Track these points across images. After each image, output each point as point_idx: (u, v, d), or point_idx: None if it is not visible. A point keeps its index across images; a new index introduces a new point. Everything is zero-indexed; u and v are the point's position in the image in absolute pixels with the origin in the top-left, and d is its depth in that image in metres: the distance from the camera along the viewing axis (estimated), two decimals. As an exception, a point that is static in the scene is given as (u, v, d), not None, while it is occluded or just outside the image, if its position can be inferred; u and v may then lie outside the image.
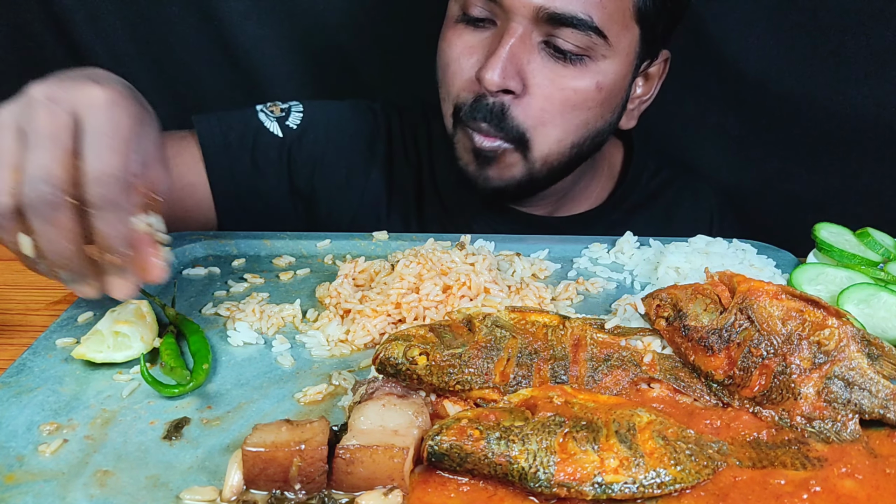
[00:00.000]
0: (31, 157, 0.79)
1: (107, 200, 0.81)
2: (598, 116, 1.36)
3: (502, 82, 1.24)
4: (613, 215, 1.61)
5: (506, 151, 1.32)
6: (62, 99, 0.81)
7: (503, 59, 1.24)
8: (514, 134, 1.30)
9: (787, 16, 1.71)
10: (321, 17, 1.84)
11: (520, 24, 1.24)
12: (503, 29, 1.26)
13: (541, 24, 1.25)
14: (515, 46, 1.25)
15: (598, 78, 1.30)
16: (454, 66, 1.32)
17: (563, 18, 1.23)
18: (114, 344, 0.93)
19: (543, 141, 1.32)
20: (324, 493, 0.71)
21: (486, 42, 1.29)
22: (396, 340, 0.86)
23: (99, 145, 0.80)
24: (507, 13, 1.25)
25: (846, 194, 1.80)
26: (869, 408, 0.81)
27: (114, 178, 0.81)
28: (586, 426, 0.75)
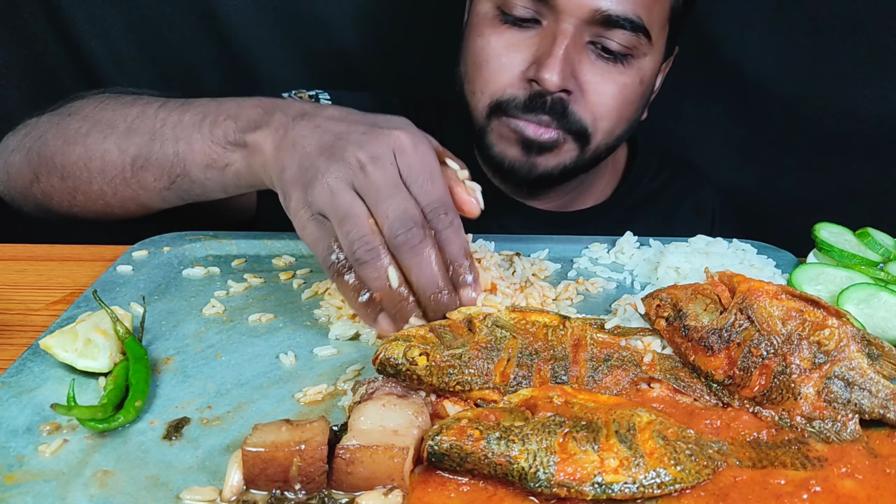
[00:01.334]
0: (383, 208, 0.91)
1: (450, 221, 0.95)
2: (637, 110, 1.44)
3: (562, 83, 1.29)
4: (616, 212, 1.63)
5: (566, 141, 1.37)
6: (381, 155, 0.93)
7: (560, 60, 1.28)
8: (576, 127, 1.35)
9: (788, 16, 1.71)
10: (322, 15, 1.84)
11: (571, 25, 1.28)
12: (554, 30, 1.30)
13: (592, 25, 1.29)
14: (569, 47, 1.29)
15: (640, 74, 1.37)
16: (495, 63, 1.35)
17: (616, 20, 1.28)
18: (82, 349, 0.90)
19: (601, 133, 1.39)
20: (324, 493, 0.71)
21: (532, 41, 1.32)
22: (396, 340, 0.86)
23: (423, 181, 0.94)
24: (559, 14, 1.28)
25: (846, 194, 1.80)
26: (869, 408, 0.81)
27: (447, 202, 0.95)
28: (586, 426, 0.75)
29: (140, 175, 1.17)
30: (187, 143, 1.12)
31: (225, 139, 1.09)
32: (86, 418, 0.79)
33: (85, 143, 1.21)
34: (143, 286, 1.14)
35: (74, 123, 1.24)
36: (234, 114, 1.10)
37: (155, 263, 1.21)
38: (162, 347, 0.98)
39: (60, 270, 1.24)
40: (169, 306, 1.09)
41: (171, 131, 1.14)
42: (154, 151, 1.15)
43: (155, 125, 1.16)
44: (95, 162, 1.20)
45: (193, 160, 1.12)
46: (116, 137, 1.18)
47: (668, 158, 1.76)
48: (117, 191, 1.21)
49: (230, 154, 1.09)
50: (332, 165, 0.94)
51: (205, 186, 1.14)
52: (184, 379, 0.91)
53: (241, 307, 1.10)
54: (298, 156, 0.98)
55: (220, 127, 1.10)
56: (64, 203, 1.27)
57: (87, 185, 1.22)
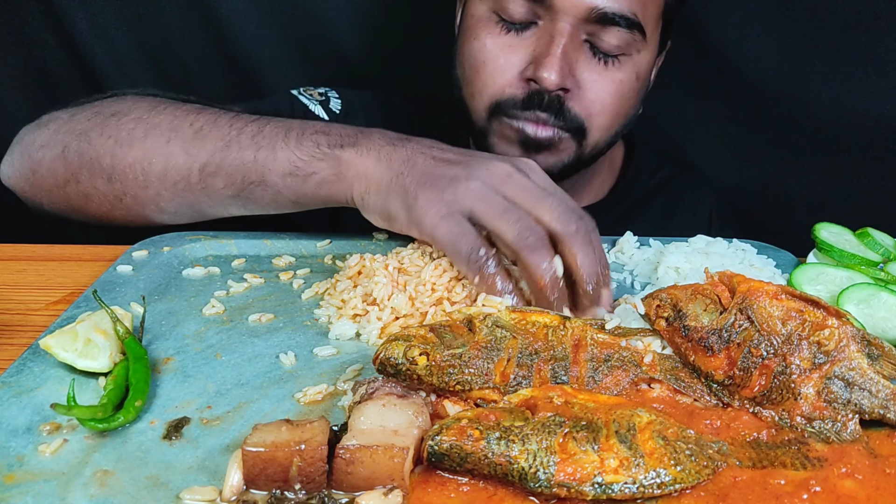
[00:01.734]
0: (548, 202, 0.99)
1: (595, 225, 1.02)
2: (634, 105, 1.46)
3: (560, 81, 1.30)
4: (614, 210, 1.64)
5: (563, 139, 1.38)
6: (519, 169, 1.03)
7: (559, 59, 1.29)
8: (573, 124, 1.36)
9: (787, 16, 1.71)
10: (321, 15, 1.84)
11: (568, 24, 1.29)
12: (551, 29, 1.30)
13: (588, 23, 1.30)
14: (567, 46, 1.30)
15: (636, 70, 1.39)
16: (492, 64, 1.35)
17: (613, 18, 1.29)
18: (82, 349, 0.90)
19: (598, 129, 1.40)
20: (324, 493, 0.71)
21: (529, 41, 1.33)
22: (396, 340, 0.86)
23: (561, 194, 1.03)
24: (556, 14, 1.29)
25: (846, 194, 1.80)
26: (869, 408, 0.81)
27: (584, 211, 1.02)
28: (586, 426, 0.75)
29: (208, 181, 1.17)
30: (270, 151, 1.12)
31: (316, 149, 1.10)
32: (86, 418, 0.79)
33: (143, 146, 1.19)
34: (143, 286, 1.14)
35: (127, 124, 1.21)
36: (324, 130, 1.12)
37: (155, 263, 1.21)
38: (162, 347, 0.98)
39: (60, 270, 1.24)
40: (169, 306, 1.09)
41: (251, 140, 1.14)
42: (229, 158, 1.14)
43: (230, 133, 1.16)
44: (156, 166, 1.18)
45: (276, 167, 1.12)
46: (182, 142, 1.17)
47: (665, 157, 1.76)
48: (176, 196, 1.20)
49: (318, 164, 1.10)
50: (475, 171, 1.00)
51: (278, 195, 1.15)
52: (184, 379, 0.91)
53: (241, 307, 1.10)
54: (421, 165, 1.04)
55: (308, 139, 1.11)
56: (104, 206, 1.25)
57: (141, 189, 1.20)
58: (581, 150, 1.41)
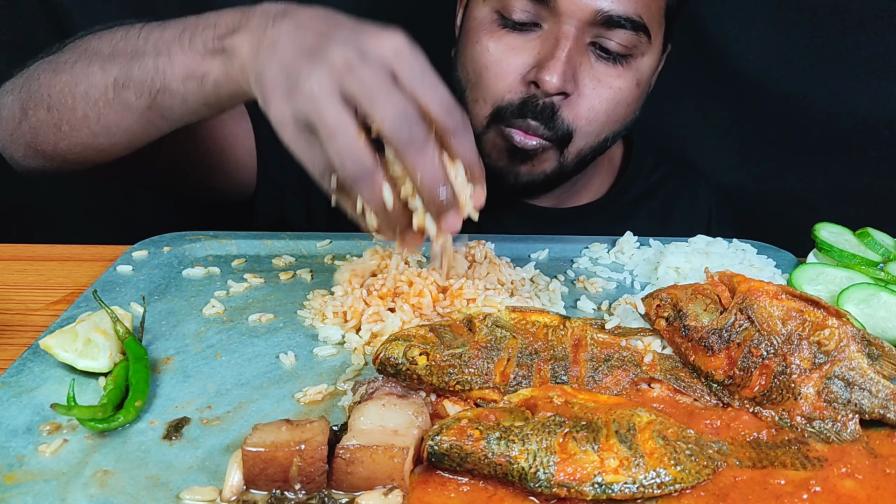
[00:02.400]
0: (381, 108, 0.83)
1: (459, 123, 0.87)
2: (632, 112, 1.42)
3: (562, 85, 1.28)
4: (613, 208, 1.63)
5: (546, 149, 1.36)
6: (372, 53, 0.85)
7: (563, 63, 1.27)
8: (560, 133, 1.34)
9: (787, 16, 1.71)
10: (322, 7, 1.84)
11: (573, 27, 1.28)
12: (555, 32, 1.28)
13: (593, 26, 1.28)
14: (571, 49, 1.28)
15: (637, 75, 1.36)
16: (495, 68, 1.34)
17: (619, 21, 1.28)
18: (82, 349, 0.90)
19: (584, 137, 1.37)
20: (324, 493, 0.71)
21: (533, 44, 1.31)
22: (396, 340, 0.86)
23: (425, 83, 0.86)
24: (560, 16, 1.27)
25: (846, 194, 1.80)
26: (869, 408, 0.81)
27: (454, 102, 0.87)
28: (586, 426, 0.75)
29: (122, 94, 1.14)
30: (167, 56, 1.08)
31: (204, 47, 1.04)
32: (86, 418, 0.79)
33: (72, 71, 1.19)
34: (143, 286, 1.14)
35: (64, 56, 1.23)
36: (213, 22, 1.05)
37: (155, 263, 1.21)
38: (162, 347, 0.98)
39: (60, 270, 1.24)
40: (169, 306, 1.09)
41: (153, 47, 1.11)
42: (135, 68, 1.11)
43: (137, 44, 1.14)
44: (80, 87, 1.17)
45: (173, 72, 1.07)
46: (101, 61, 1.17)
47: (663, 156, 1.76)
48: (101, 115, 1.17)
49: (209, 62, 1.03)
50: (316, 68, 0.86)
51: (185, 101, 1.09)
52: (184, 379, 0.91)
53: (241, 307, 1.10)
54: (278, 57, 0.90)
55: (199, 36, 1.05)
56: (50, 137, 1.24)
57: (71, 112, 1.19)
58: (563, 160, 1.39)
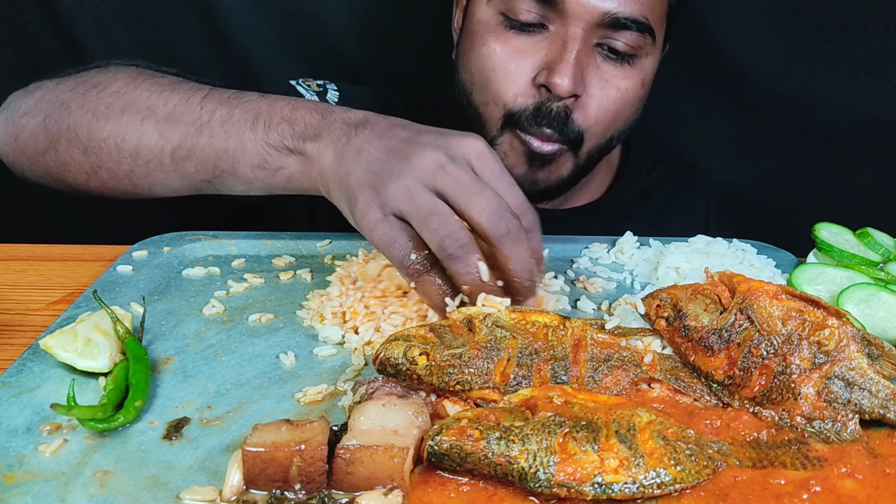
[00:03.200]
0: (478, 203, 0.92)
1: (536, 220, 0.98)
2: (636, 111, 1.43)
3: (573, 88, 1.28)
4: (611, 208, 1.64)
5: (563, 153, 1.37)
6: (459, 156, 0.95)
7: (572, 65, 1.27)
8: (573, 136, 1.35)
9: (787, 16, 1.71)
10: (320, 13, 1.84)
11: (580, 29, 1.28)
12: (563, 34, 1.29)
13: (599, 28, 1.29)
14: (580, 51, 1.28)
15: (642, 75, 1.37)
16: (503, 71, 1.34)
17: (626, 22, 1.28)
18: (82, 349, 0.90)
19: (593, 137, 1.38)
20: (324, 493, 0.71)
21: (541, 46, 1.31)
22: (396, 340, 0.86)
23: (504, 182, 0.96)
24: (567, 18, 1.28)
25: (846, 194, 1.80)
26: (869, 408, 0.81)
27: (528, 203, 0.97)
28: (586, 426, 0.75)
29: (180, 164, 1.16)
30: (238, 142, 1.11)
31: (281, 143, 1.08)
32: (86, 418, 0.79)
33: (119, 122, 1.19)
34: (143, 286, 1.14)
35: (105, 98, 1.21)
36: (290, 118, 1.09)
37: (155, 263, 1.21)
38: (162, 347, 0.98)
39: (60, 270, 1.24)
40: (169, 306, 1.09)
41: (220, 127, 1.13)
42: (200, 144, 1.13)
43: (201, 116, 1.14)
44: (129, 143, 1.18)
45: (245, 159, 1.11)
46: (156, 122, 1.17)
47: (661, 156, 1.76)
48: (149, 174, 1.19)
49: (285, 158, 1.08)
50: (408, 165, 0.95)
51: (249, 185, 1.14)
52: (184, 379, 0.91)
53: (241, 307, 1.10)
54: (365, 160, 0.98)
55: (275, 130, 1.09)
56: (81, 177, 1.25)
57: (115, 164, 1.20)
58: (577, 161, 1.41)
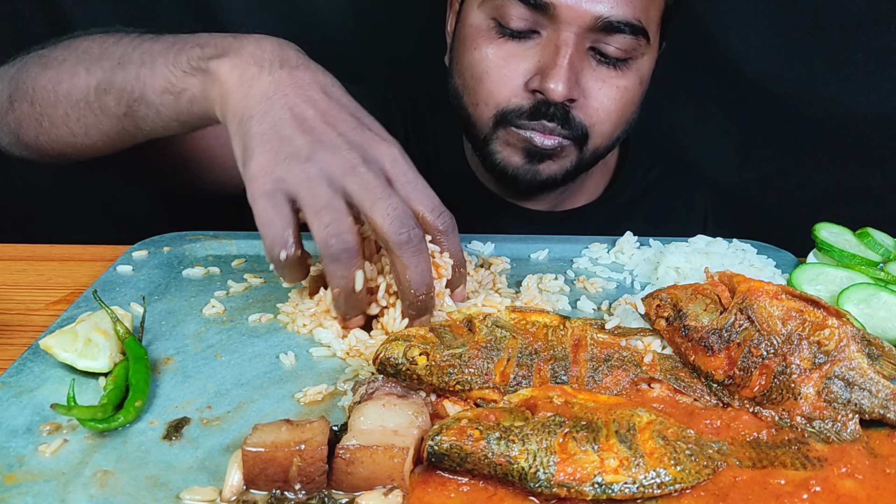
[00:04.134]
0: (382, 209, 0.91)
1: (448, 225, 0.98)
2: (637, 109, 1.44)
3: (567, 93, 1.28)
4: (609, 210, 1.64)
5: (565, 147, 1.38)
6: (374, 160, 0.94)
7: (565, 70, 1.27)
8: (577, 132, 1.36)
9: (787, 16, 1.71)
10: (319, 14, 1.84)
11: (572, 34, 1.28)
12: (555, 39, 1.28)
13: (592, 32, 1.29)
14: (573, 56, 1.28)
15: (639, 75, 1.38)
16: (496, 74, 1.34)
17: (618, 26, 1.28)
18: (82, 349, 0.90)
19: (600, 136, 1.39)
20: (324, 493, 0.71)
21: (533, 51, 1.31)
22: (396, 340, 0.86)
23: (418, 188, 0.96)
24: (559, 24, 1.27)
25: (846, 194, 1.80)
26: (869, 408, 0.81)
27: (443, 207, 0.97)
28: (586, 426, 0.75)
29: (102, 99, 1.15)
30: (150, 67, 1.09)
31: (188, 64, 1.05)
32: (86, 418, 0.79)
33: (59, 69, 1.20)
34: (143, 286, 1.14)
35: (55, 53, 1.23)
36: (204, 42, 1.06)
37: (155, 263, 1.21)
38: (162, 347, 0.98)
39: (60, 270, 1.24)
40: (169, 306, 1.09)
41: (139, 56, 1.11)
42: (118, 75, 1.12)
43: (126, 50, 1.14)
44: (63, 85, 1.18)
45: (152, 84, 1.08)
46: (88, 62, 1.17)
47: (659, 156, 1.75)
48: (80, 115, 1.18)
49: (189, 79, 1.05)
50: (321, 154, 0.92)
51: (159, 114, 1.10)
52: (184, 379, 0.91)
53: (241, 307, 1.10)
54: (274, 116, 0.94)
55: (185, 52, 1.06)
56: (31, 130, 1.25)
57: (52, 108, 1.21)
58: (582, 156, 1.41)
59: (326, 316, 1.03)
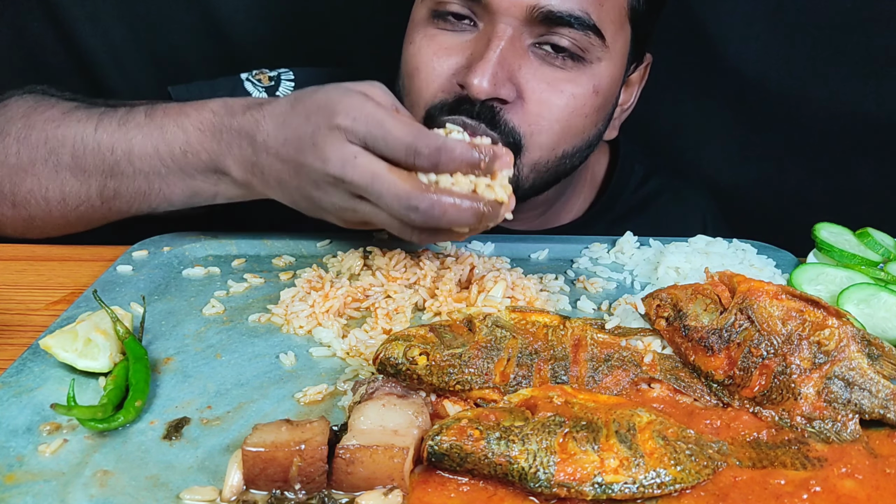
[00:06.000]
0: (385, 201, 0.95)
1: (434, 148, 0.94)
2: (592, 124, 1.28)
3: (493, 90, 1.14)
4: (597, 227, 1.50)
5: None
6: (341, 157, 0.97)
7: (493, 64, 1.14)
8: (509, 139, 1.20)
9: (787, 16, 1.71)
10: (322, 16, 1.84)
11: (508, 26, 1.15)
12: (489, 31, 1.17)
13: (533, 25, 1.17)
14: (506, 50, 1.15)
15: (594, 81, 1.23)
16: (425, 69, 1.22)
17: (560, 17, 1.15)
18: (82, 349, 0.90)
19: (536, 147, 1.23)
20: (324, 493, 0.71)
21: (467, 45, 1.20)
22: (396, 340, 0.86)
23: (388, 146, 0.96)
24: (493, 14, 1.16)
25: (846, 194, 1.80)
26: (869, 408, 0.81)
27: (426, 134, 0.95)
28: (586, 426, 0.75)
29: (111, 203, 1.19)
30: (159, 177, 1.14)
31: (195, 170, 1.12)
32: (86, 418, 0.79)
33: (35, 173, 1.19)
34: (143, 286, 1.14)
35: (10, 147, 1.20)
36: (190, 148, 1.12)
37: (155, 263, 1.21)
38: (162, 347, 0.98)
39: (60, 270, 1.24)
40: (169, 306, 1.09)
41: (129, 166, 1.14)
42: (123, 186, 1.16)
43: (105, 157, 1.15)
44: (53, 193, 1.19)
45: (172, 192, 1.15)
46: (68, 171, 1.17)
47: (655, 167, 1.65)
48: (83, 217, 1.21)
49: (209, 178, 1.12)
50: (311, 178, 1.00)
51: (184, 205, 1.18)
52: (184, 379, 0.91)
53: (241, 307, 1.10)
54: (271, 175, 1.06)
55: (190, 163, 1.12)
56: (18, 228, 1.26)
57: (46, 214, 1.22)
58: (517, 171, 1.22)
59: (324, 316, 1.04)
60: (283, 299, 1.09)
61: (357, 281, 1.12)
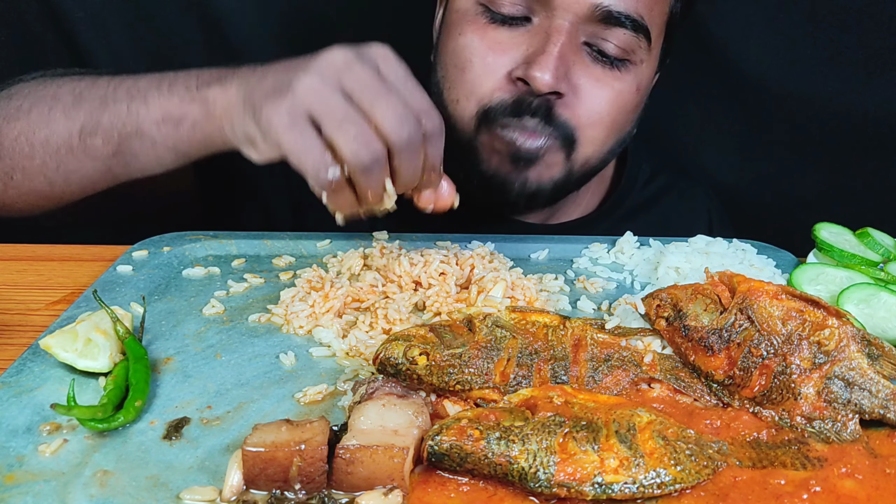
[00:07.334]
0: (385, 104, 0.90)
1: (438, 126, 0.95)
2: (633, 121, 1.35)
3: (555, 83, 1.19)
4: (606, 222, 1.55)
5: (550, 149, 1.27)
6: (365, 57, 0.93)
7: (555, 59, 1.19)
8: (562, 132, 1.25)
9: (787, 16, 1.71)
10: (321, 16, 1.84)
11: (567, 22, 1.20)
12: (548, 26, 1.21)
13: (589, 24, 1.21)
14: (565, 46, 1.20)
15: (637, 82, 1.29)
16: (479, 64, 1.25)
17: (618, 18, 1.20)
18: (82, 349, 0.90)
19: (589, 142, 1.28)
20: (324, 493, 0.71)
21: (523, 39, 1.23)
22: (396, 340, 0.86)
23: (412, 86, 0.94)
24: (554, 10, 1.20)
25: (846, 194, 1.80)
26: (869, 408, 0.81)
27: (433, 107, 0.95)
28: (586, 426, 0.75)
29: (88, 141, 1.14)
30: (142, 101, 1.09)
31: (185, 91, 1.06)
32: (86, 418, 0.79)
33: (28, 118, 1.18)
34: (143, 286, 1.14)
35: (15, 102, 1.20)
36: (196, 74, 1.08)
37: (155, 263, 1.21)
38: (162, 347, 0.98)
39: (60, 270, 1.24)
40: (169, 306, 1.09)
41: (125, 93, 1.11)
42: (105, 114, 1.12)
43: (107, 91, 1.13)
44: (39, 134, 1.16)
45: (148, 115, 1.08)
46: (63, 107, 1.15)
47: (661, 165, 1.68)
48: (61, 163, 1.17)
49: (188, 106, 1.06)
50: (314, 63, 0.93)
51: (155, 145, 1.10)
52: (184, 379, 0.92)
53: (241, 307, 1.10)
54: (271, 79, 0.97)
55: (179, 84, 1.07)
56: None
57: (27, 160, 1.18)
58: (570, 165, 1.30)
59: (323, 316, 1.04)
60: (283, 299, 1.09)
61: (357, 281, 1.12)
